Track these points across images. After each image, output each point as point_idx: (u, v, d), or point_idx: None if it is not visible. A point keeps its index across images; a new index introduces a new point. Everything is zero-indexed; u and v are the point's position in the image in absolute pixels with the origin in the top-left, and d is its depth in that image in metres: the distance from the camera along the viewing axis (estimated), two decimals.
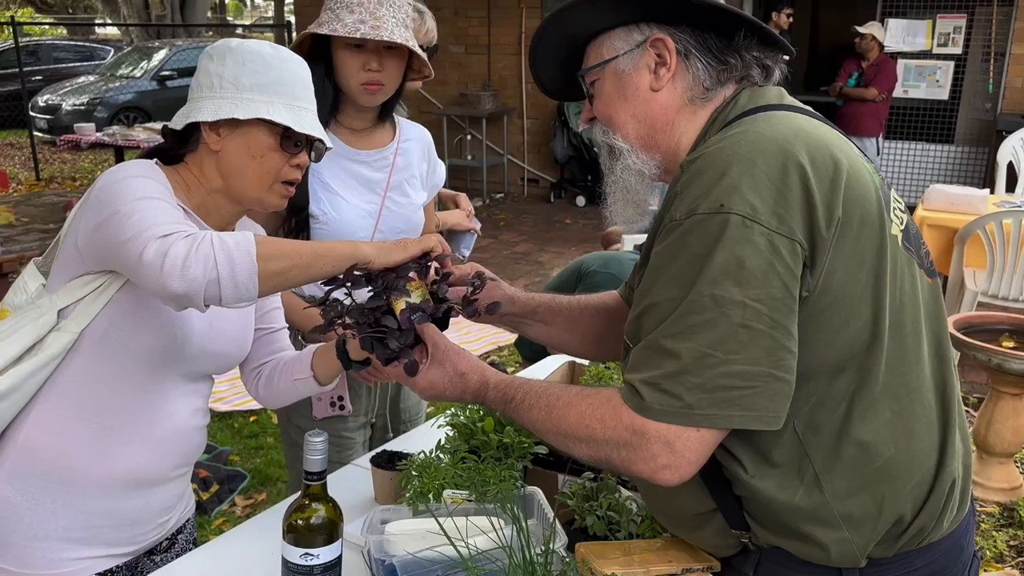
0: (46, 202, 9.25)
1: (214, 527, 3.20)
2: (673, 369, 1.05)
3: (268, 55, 1.47)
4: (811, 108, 1.25)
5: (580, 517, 1.49)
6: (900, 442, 1.14)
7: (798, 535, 1.16)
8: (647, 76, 1.24)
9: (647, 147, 1.27)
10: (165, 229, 1.27)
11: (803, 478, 1.13)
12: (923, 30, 7.50)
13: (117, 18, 14.73)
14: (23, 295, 1.50)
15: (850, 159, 1.13)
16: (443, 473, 1.55)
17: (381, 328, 1.31)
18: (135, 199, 1.33)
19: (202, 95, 1.46)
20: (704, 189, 1.07)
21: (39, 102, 12.50)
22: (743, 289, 1.03)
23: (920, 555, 1.20)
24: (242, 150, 1.46)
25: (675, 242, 1.08)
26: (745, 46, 1.23)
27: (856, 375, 1.12)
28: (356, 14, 1.89)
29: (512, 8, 9.27)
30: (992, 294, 4.36)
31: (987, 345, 3.16)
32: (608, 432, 1.11)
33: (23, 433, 1.46)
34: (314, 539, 1.28)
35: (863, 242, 1.10)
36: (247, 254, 1.27)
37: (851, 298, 1.09)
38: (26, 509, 1.46)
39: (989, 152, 7.20)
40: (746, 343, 1.03)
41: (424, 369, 1.31)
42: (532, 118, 9.51)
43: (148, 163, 1.47)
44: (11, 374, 1.41)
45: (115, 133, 8.39)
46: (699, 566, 1.27)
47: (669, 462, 1.07)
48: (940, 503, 1.19)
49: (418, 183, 2.17)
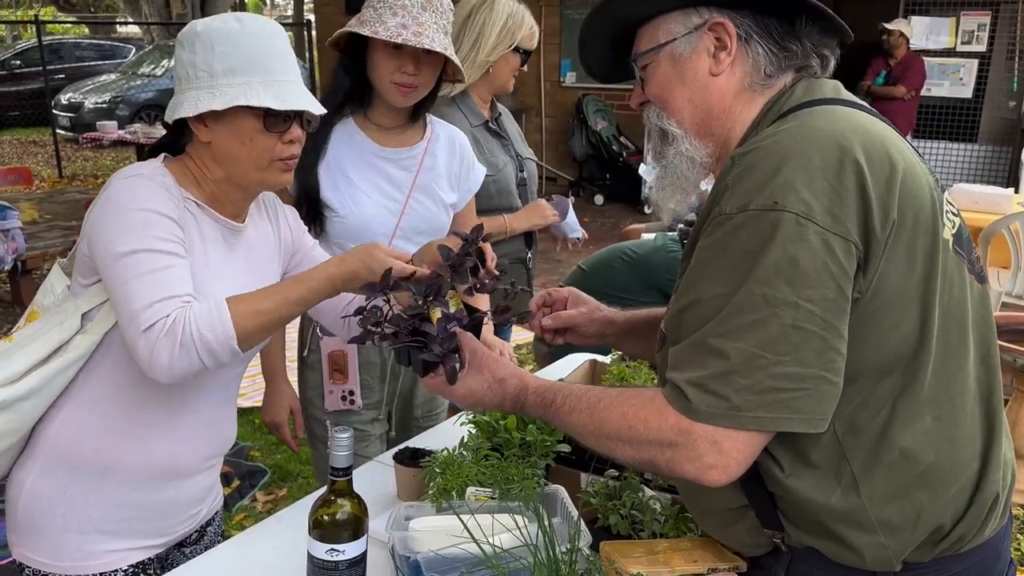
0: (69, 199, 9.37)
1: (235, 522, 3.23)
2: (721, 369, 1.03)
3: (235, 33, 1.41)
4: (867, 105, 1.21)
5: (603, 516, 1.49)
6: (941, 449, 1.12)
7: (832, 536, 1.14)
8: (706, 60, 1.21)
9: (701, 134, 1.24)
10: (147, 317, 1.32)
11: (840, 480, 1.11)
12: (947, 27, 7.42)
13: (138, 17, 14.82)
14: (50, 296, 1.52)
15: (906, 159, 1.10)
16: (466, 470, 1.56)
17: (419, 338, 1.31)
18: (126, 252, 1.34)
19: (182, 87, 1.45)
20: (757, 184, 1.04)
21: (62, 100, 12.63)
22: (796, 289, 1.01)
23: (958, 561, 1.18)
24: (231, 138, 1.44)
25: (725, 237, 1.06)
26: (807, 32, 1.19)
27: (901, 379, 1.10)
28: (399, 17, 1.88)
29: (531, 6, 9.22)
30: (1017, 294, 4.32)
31: (1012, 346, 3.12)
32: (652, 432, 1.09)
33: (53, 429, 1.48)
34: (340, 535, 1.29)
35: (916, 245, 1.07)
36: (225, 336, 1.34)
37: (902, 301, 1.07)
38: (59, 503, 1.48)
39: (1013, 151, 7.13)
40: (797, 344, 1.01)
41: (462, 376, 1.29)
42: (550, 116, 9.51)
43: (153, 168, 1.45)
44: (35, 375, 1.43)
45: (136, 131, 8.48)
46: (725, 566, 1.26)
47: (716, 462, 1.05)
48: (982, 513, 1.17)
49: (447, 184, 2.17)
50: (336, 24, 11.08)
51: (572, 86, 9.30)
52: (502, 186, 2.62)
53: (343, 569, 1.29)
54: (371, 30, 1.88)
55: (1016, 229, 4.22)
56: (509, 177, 2.64)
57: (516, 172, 2.69)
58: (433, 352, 1.28)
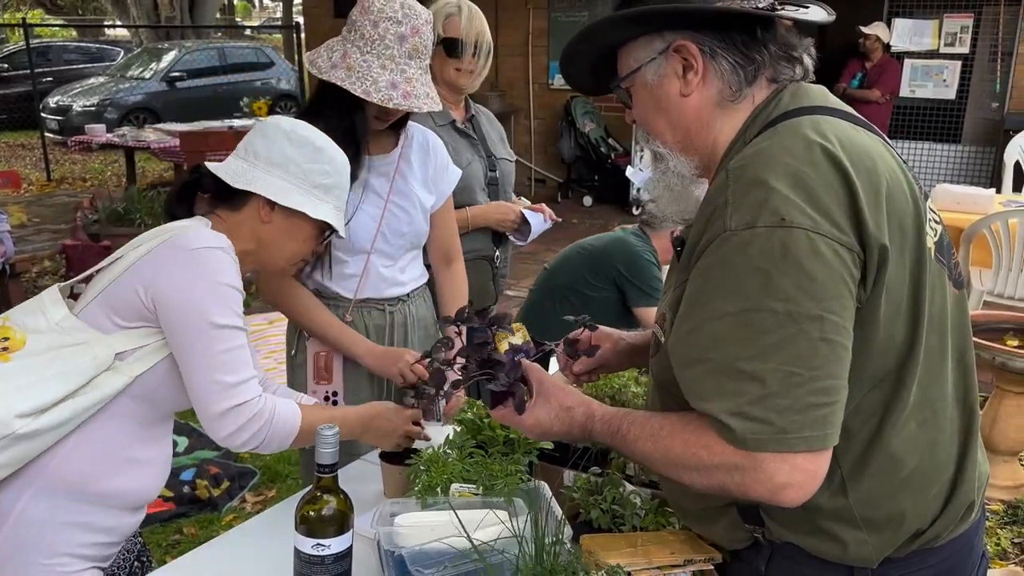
0: (57, 202, 9.34)
1: (224, 523, 3.24)
2: (759, 393, 1.02)
3: (339, 162, 1.66)
4: (854, 111, 1.23)
5: (585, 510, 1.52)
6: (924, 453, 1.15)
7: (816, 531, 1.16)
8: (676, 82, 1.21)
9: (685, 150, 1.26)
10: (240, 393, 1.49)
11: (831, 482, 1.12)
12: (930, 30, 7.49)
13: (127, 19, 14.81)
14: (43, 320, 1.51)
15: (890, 168, 1.12)
16: (451, 468, 1.59)
17: (487, 371, 1.33)
18: (222, 325, 1.47)
19: (270, 170, 1.58)
20: (760, 200, 1.04)
21: (50, 103, 12.58)
22: (818, 302, 1.01)
23: (932, 555, 1.21)
24: (288, 231, 1.63)
25: (733, 255, 1.05)
26: (770, 39, 1.20)
27: (892, 387, 1.12)
28: (388, 71, 1.89)
29: (519, 8, 9.29)
30: (998, 293, 4.37)
31: (991, 344, 3.18)
32: (716, 458, 1.07)
33: (58, 458, 1.48)
34: (326, 530, 1.31)
35: (905, 255, 1.09)
36: (287, 441, 1.57)
37: (893, 311, 1.09)
38: (49, 529, 1.48)
39: (996, 152, 7.19)
40: (828, 357, 1.02)
41: (530, 407, 1.29)
42: (539, 118, 9.54)
43: (223, 239, 1.53)
44: (67, 407, 1.44)
45: (125, 134, 8.47)
46: (701, 557, 1.29)
47: (789, 480, 1.04)
48: (959, 513, 1.20)
49: (423, 187, 2.18)
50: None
51: (560, 88, 9.32)
52: (465, 183, 2.57)
53: (329, 563, 1.31)
54: (363, 90, 1.87)
55: (997, 229, 4.27)
56: (472, 175, 2.62)
57: (486, 171, 2.69)
58: (500, 382, 1.30)
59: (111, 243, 5.50)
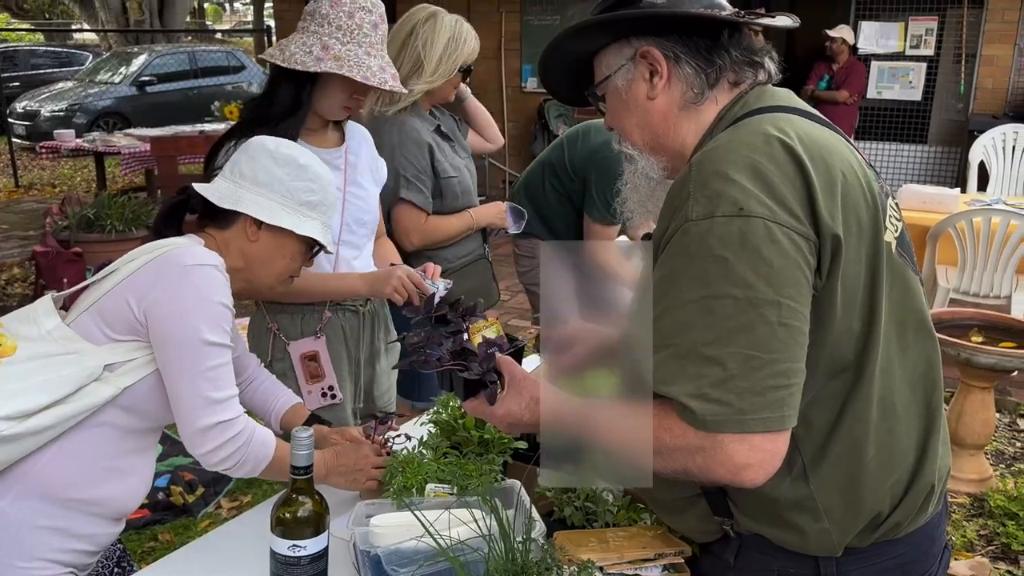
0: (25, 209, 9.22)
1: (200, 529, 3.23)
2: (719, 376, 1.05)
3: (324, 178, 1.67)
4: (817, 112, 1.27)
5: (559, 508, 1.54)
6: (883, 442, 1.18)
7: (780, 522, 1.19)
8: (643, 86, 1.26)
9: (654, 150, 1.30)
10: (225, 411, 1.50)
11: (791, 470, 1.16)
12: (896, 32, 7.61)
13: (95, 23, 14.64)
14: (34, 328, 1.52)
15: (847, 164, 1.16)
16: (426, 468, 1.60)
17: (461, 362, 1.35)
18: (211, 342, 1.48)
19: (255, 189, 1.60)
20: (718, 190, 1.08)
21: (17, 108, 12.42)
22: (776, 288, 1.04)
23: (893, 546, 1.24)
24: (276, 249, 1.65)
25: (693, 244, 1.08)
26: (733, 43, 1.25)
27: (851, 377, 1.15)
28: (372, 57, 1.98)
29: (492, 13, 9.32)
30: (964, 290, 4.45)
31: (956, 340, 3.24)
32: (678, 440, 1.10)
33: (41, 464, 1.48)
34: (301, 531, 1.33)
35: (862, 247, 1.13)
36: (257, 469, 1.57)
37: (849, 300, 1.12)
38: (27, 531, 1.48)
39: (961, 152, 7.32)
40: (786, 341, 1.05)
41: (502, 398, 1.31)
42: (512, 121, 9.56)
43: (215, 257, 1.55)
44: (51, 413, 1.45)
45: (95, 139, 8.36)
46: (671, 551, 1.32)
47: (749, 460, 1.06)
48: (919, 501, 1.23)
49: (370, 177, 2.27)
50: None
51: (534, 91, 9.35)
52: (465, 186, 2.69)
53: (305, 564, 1.33)
54: (362, 76, 1.95)
55: (962, 228, 4.35)
56: (468, 178, 2.71)
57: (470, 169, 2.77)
58: (473, 372, 1.32)
59: (82, 249, 5.45)
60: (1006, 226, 4.24)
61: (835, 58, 7.14)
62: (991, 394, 3.41)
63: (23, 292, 5.97)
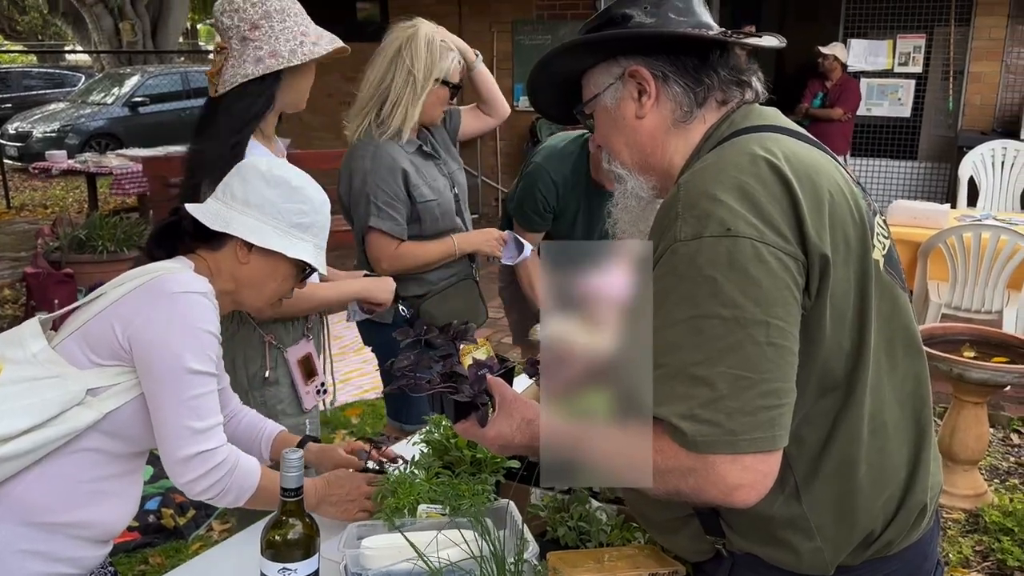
0: (17, 230, 9.19)
1: (191, 551, 3.19)
2: (709, 397, 1.04)
3: (316, 200, 1.66)
4: (804, 131, 1.27)
5: (552, 528, 1.53)
6: (873, 459, 1.18)
7: (772, 541, 1.18)
8: (632, 105, 1.27)
9: (643, 170, 1.31)
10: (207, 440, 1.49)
11: (784, 489, 1.15)
12: (884, 50, 7.68)
13: (88, 44, 14.69)
14: (20, 351, 1.51)
15: (834, 184, 1.16)
16: (418, 488, 1.59)
17: (451, 383, 1.35)
18: (196, 371, 1.47)
19: (246, 211, 1.59)
20: (706, 211, 1.08)
21: (9, 129, 12.42)
22: (764, 308, 1.04)
23: (885, 563, 1.23)
24: (266, 271, 1.64)
25: (682, 265, 1.08)
26: (720, 63, 1.25)
27: (842, 395, 1.15)
28: (319, 29, 2.05)
29: (483, 32, 9.37)
30: (955, 306, 4.46)
31: (948, 355, 3.24)
32: (670, 461, 1.09)
33: (20, 487, 1.47)
34: (292, 554, 1.31)
35: (850, 265, 1.13)
36: (241, 500, 1.55)
37: (839, 319, 1.12)
38: (8, 555, 1.46)
39: (951, 168, 7.37)
40: (776, 360, 1.05)
41: (492, 420, 1.30)
42: (505, 140, 9.60)
43: (205, 284, 1.54)
44: (30, 438, 1.43)
45: (87, 160, 8.37)
46: (665, 571, 1.31)
47: (741, 481, 1.05)
48: (911, 518, 1.23)
49: None
50: None
51: (525, 110, 9.36)
52: (445, 208, 2.64)
53: None
54: (325, 45, 2.03)
55: (953, 243, 4.37)
56: (450, 199, 2.67)
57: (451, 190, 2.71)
58: (464, 394, 1.31)
59: (73, 270, 5.43)
60: (996, 241, 4.26)
61: (828, 75, 7.20)
62: (984, 409, 3.41)
63: (13, 314, 5.94)
